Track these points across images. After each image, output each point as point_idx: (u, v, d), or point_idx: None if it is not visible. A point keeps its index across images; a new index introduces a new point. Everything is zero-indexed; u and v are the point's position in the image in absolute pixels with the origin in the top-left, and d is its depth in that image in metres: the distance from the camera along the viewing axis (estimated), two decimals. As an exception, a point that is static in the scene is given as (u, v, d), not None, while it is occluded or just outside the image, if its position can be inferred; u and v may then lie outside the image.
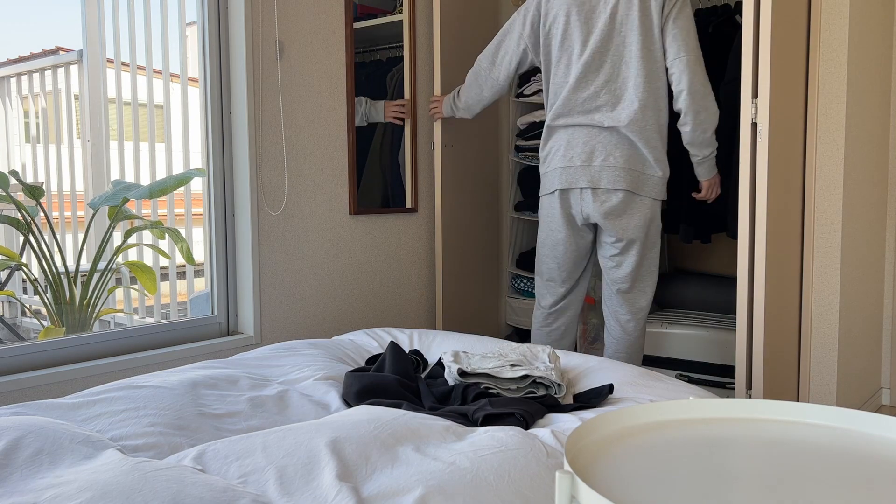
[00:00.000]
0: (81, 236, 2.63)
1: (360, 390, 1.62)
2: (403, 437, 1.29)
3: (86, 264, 2.59)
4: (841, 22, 2.44)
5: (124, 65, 2.72)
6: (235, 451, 1.21)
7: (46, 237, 2.46)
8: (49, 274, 2.46)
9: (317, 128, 2.71)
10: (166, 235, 2.75)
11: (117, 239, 2.67)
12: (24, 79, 2.71)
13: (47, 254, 2.45)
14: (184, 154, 2.79)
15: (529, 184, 3.45)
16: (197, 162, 2.71)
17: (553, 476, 1.20)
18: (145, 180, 2.73)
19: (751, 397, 2.21)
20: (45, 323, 2.70)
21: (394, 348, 1.85)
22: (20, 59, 2.69)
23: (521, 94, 3.41)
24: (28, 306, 2.82)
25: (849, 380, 2.66)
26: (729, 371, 2.92)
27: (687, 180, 3.00)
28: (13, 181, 2.42)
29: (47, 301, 2.48)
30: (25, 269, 2.55)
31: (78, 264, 2.57)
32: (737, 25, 2.96)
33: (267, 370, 1.82)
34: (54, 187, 2.70)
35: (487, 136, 3.38)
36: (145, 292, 2.85)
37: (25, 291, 2.80)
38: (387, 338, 2.21)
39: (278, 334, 2.62)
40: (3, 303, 2.80)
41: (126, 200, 2.58)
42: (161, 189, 2.60)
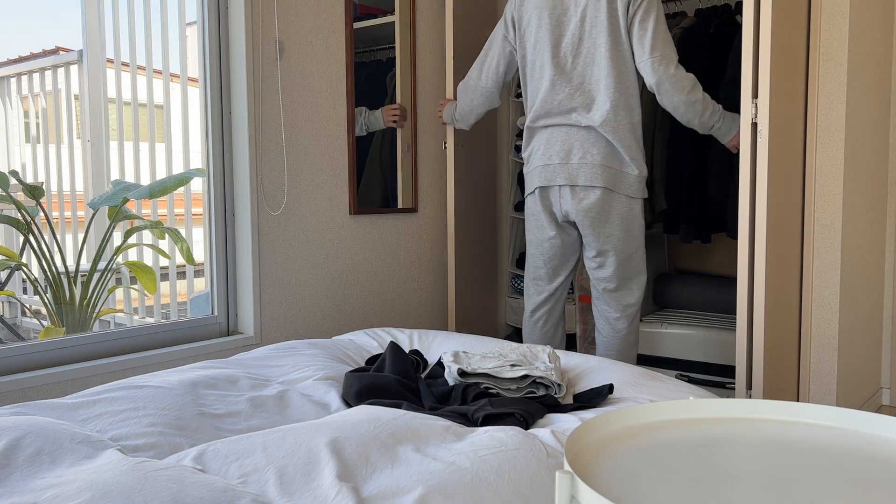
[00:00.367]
0: (81, 236, 2.63)
1: (360, 390, 1.62)
2: (403, 437, 1.29)
3: (86, 264, 2.59)
4: (841, 22, 2.44)
5: (124, 65, 2.72)
6: (235, 451, 1.21)
7: (46, 237, 2.46)
8: (49, 274, 2.46)
9: (317, 128, 2.71)
10: (166, 235, 2.75)
11: (117, 239, 2.67)
12: (24, 79, 2.71)
13: (47, 254, 2.45)
14: (184, 154, 2.79)
15: (529, 184, 3.45)
16: (197, 162, 2.71)
17: (553, 476, 1.20)
18: (145, 180, 2.73)
19: (751, 397, 2.21)
20: (45, 323, 2.70)
21: (394, 348, 1.85)
22: (20, 59, 2.69)
23: (520, 95, 3.40)
24: (28, 306, 2.82)
25: (849, 380, 2.66)
26: (729, 371, 2.92)
27: (687, 180, 3.00)
28: (13, 181, 2.42)
29: (47, 301, 2.48)
30: (25, 269, 2.55)
31: (78, 264, 2.57)
32: (737, 25, 2.96)
33: (267, 370, 1.82)
34: (54, 187, 2.70)
35: (487, 137, 3.38)
36: (145, 292, 2.85)
37: (25, 291, 2.80)
38: (387, 338, 2.21)
39: (278, 334, 2.62)
40: (3, 303, 2.80)
41: (126, 200, 2.58)
42: (161, 189, 2.60)
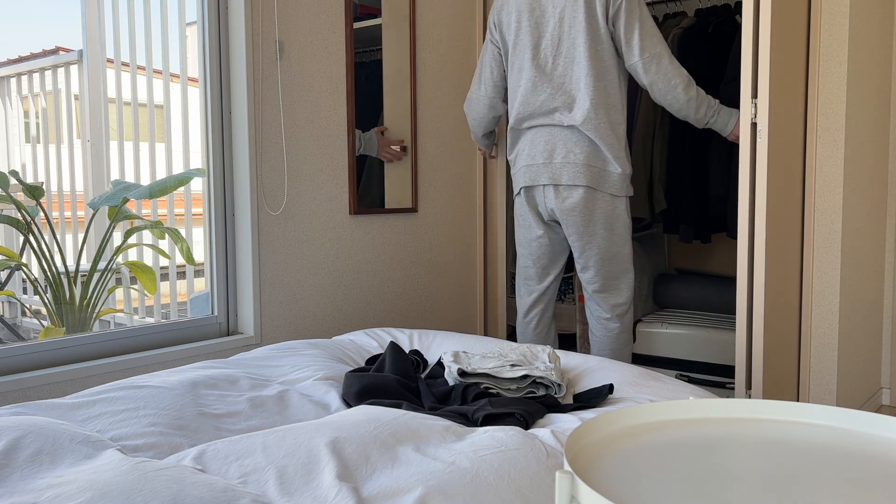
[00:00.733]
0: (81, 236, 2.63)
1: (360, 390, 1.62)
2: (403, 437, 1.29)
3: (86, 264, 2.59)
4: (841, 22, 2.44)
5: (124, 65, 2.72)
6: (235, 451, 1.21)
7: (46, 237, 2.46)
8: (49, 274, 2.46)
9: (317, 128, 2.71)
10: (166, 235, 2.75)
11: (117, 239, 2.67)
12: (24, 79, 2.71)
13: (47, 254, 2.45)
14: (184, 154, 2.79)
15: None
16: (197, 162, 2.71)
17: (553, 476, 1.20)
18: (145, 180, 2.73)
19: (750, 397, 2.22)
20: (45, 323, 2.70)
21: (394, 348, 1.85)
22: (20, 59, 2.69)
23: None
24: (28, 306, 2.82)
25: (849, 380, 2.66)
26: (729, 371, 2.92)
27: (687, 180, 3.00)
28: (13, 181, 2.41)
29: (47, 301, 2.48)
30: (25, 269, 2.55)
31: (78, 264, 2.57)
32: (737, 25, 2.96)
33: (267, 370, 1.82)
34: (54, 187, 2.69)
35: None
36: (145, 292, 2.85)
37: (25, 291, 2.80)
38: (387, 338, 2.21)
39: (278, 334, 2.62)
40: (3, 303, 2.80)
41: (126, 200, 2.58)
42: (161, 189, 2.60)
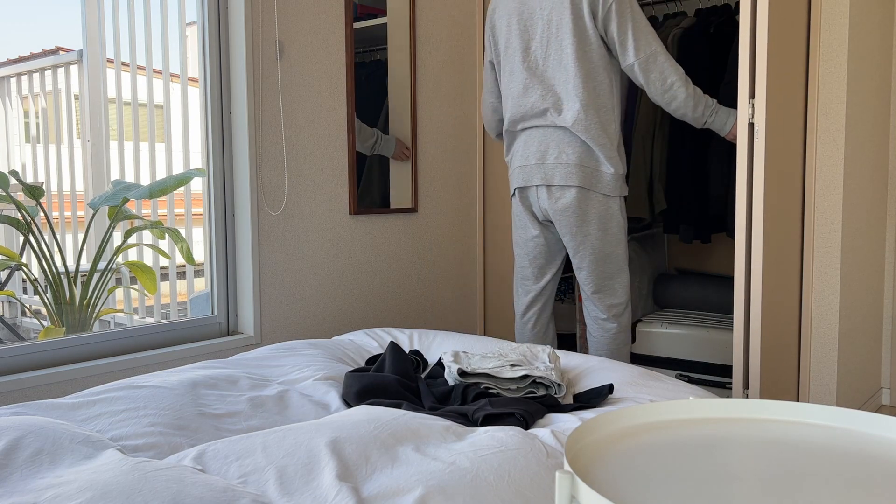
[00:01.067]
0: (81, 236, 2.63)
1: (360, 390, 1.62)
2: (403, 437, 1.29)
3: (86, 264, 2.59)
4: (841, 22, 2.44)
5: (124, 65, 2.72)
6: (235, 451, 1.21)
7: (46, 237, 2.46)
8: (49, 274, 2.46)
9: (317, 128, 2.71)
10: (166, 235, 2.75)
11: (117, 239, 2.67)
12: (24, 79, 2.71)
13: (47, 254, 2.45)
14: (184, 154, 2.79)
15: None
16: (197, 162, 2.71)
17: (553, 476, 1.20)
18: (145, 180, 2.73)
19: (748, 397, 2.22)
20: (45, 323, 2.70)
21: (394, 348, 1.85)
22: (20, 59, 2.69)
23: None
24: (28, 306, 2.82)
25: (849, 380, 2.66)
26: (729, 371, 2.92)
27: (687, 180, 3.00)
28: (13, 181, 2.41)
29: (47, 301, 2.48)
30: (25, 269, 2.55)
31: (78, 264, 2.57)
32: (737, 25, 2.96)
33: (267, 370, 1.82)
34: (54, 187, 2.69)
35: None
36: (145, 292, 2.85)
37: (25, 291, 2.80)
38: (387, 338, 2.21)
39: (278, 334, 2.62)
40: (3, 303, 2.80)
41: (126, 200, 2.58)
42: (161, 189, 2.60)
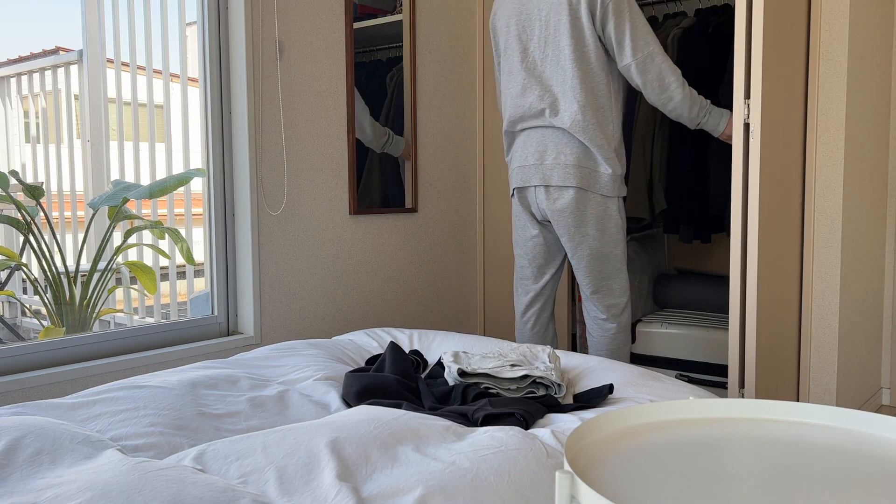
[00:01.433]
0: (81, 236, 2.63)
1: (360, 390, 1.62)
2: (403, 437, 1.29)
3: (86, 264, 2.59)
4: (841, 22, 2.44)
5: (124, 65, 2.72)
6: (235, 451, 1.21)
7: (46, 237, 2.46)
8: (49, 274, 2.46)
9: (317, 128, 2.71)
10: (166, 235, 2.75)
11: (117, 239, 2.67)
12: (24, 79, 2.71)
13: (47, 254, 2.45)
14: (184, 154, 2.79)
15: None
16: (197, 162, 2.71)
17: (553, 476, 1.20)
18: (145, 180, 2.73)
19: (743, 396, 2.22)
20: (45, 323, 2.70)
21: (394, 348, 1.85)
22: (20, 59, 2.69)
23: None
24: (28, 306, 2.82)
25: (849, 380, 2.66)
26: (729, 371, 2.92)
27: (687, 180, 3.00)
28: (13, 181, 2.41)
29: (47, 301, 2.48)
30: (25, 269, 2.55)
31: (78, 264, 2.57)
32: (737, 25, 2.96)
33: (267, 370, 1.82)
34: (54, 187, 2.69)
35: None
36: (145, 292, 2.85)
37: (25, 291, 2.80)
38: (387, 338, 2.21)
39: (278, 334, 2.62)
40: (3, 303, 2.80)
41: (126, 200, 2.58)
42: (161, 189, 2.60)
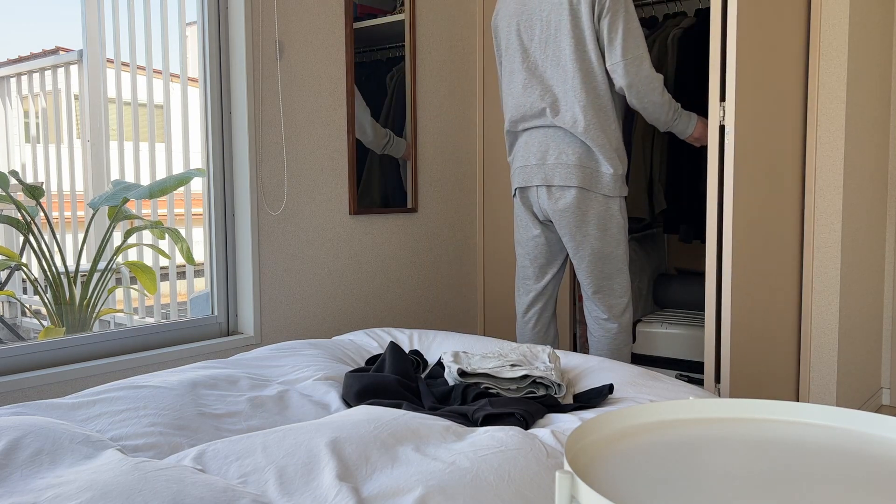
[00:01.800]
0: (81, 236, 2.63)
1: (360, 390, 1.62)
2: (403, 437, 1.29)
3: (86, 264, 2.59)
4: (841, 22, 2.44)
5: (124, 65, 2.72)
6: (235, 451, 1.21)
7: (46, 237, 2.46)
8: (49, 274, 2.46)
9: (317, 128, 2.71)
10: (166, 235, 2.75)
11: (117, 239, 2.67)
12: (24, 79, 2.71)
13: (47, 254, 2.45)
14: (184, 154, 2.79)
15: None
16: (197, 162, 2.71)
17: (553, 476, 1.20)
18: (145, 180, 2.73)
19: (720, 392, 2.23)
20: (45, 323, 2.70)
21: (394, 348, 1.85)
22: (20, 59, 2.69)
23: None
24: (28, 306, 2.82)
25: (849, 380, 2.66)
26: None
27: (687, 180, 3.00)
28: (13, 181, 2.41)
29: (47, 301, 2.48)
30: (25, 269, 2.55)
31: (78, 264, 2.57)
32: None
33: (267, 370, 1.82)
34: (54, 187, 2.69)
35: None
36: (145, 292, 2.85)
37: (25, 291, 2.80)
38: (387, 338, 2.21)
39: (278, 334, 2.62)
40: (3, 303, 2.80)
41: (126, 200, 2.58)
42: (161, 189, 2.60)
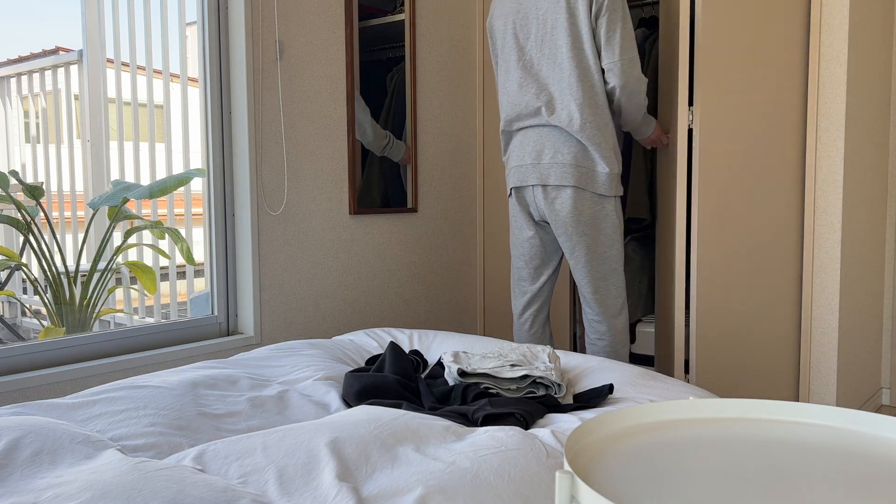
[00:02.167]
0: (81, 236, 2.63)
1: (360, 390, 1.62)
2: (403, 437, 1.29)
3: (86, 264, 2.59)
4: (841, 22, 2.44)
5: (124, 65, 2.72)
6: (235, 451, 1.21)
7: (46, 237, 2.46)
8: (49, 274, 2.46)
9: (317, 128, 2.71)
10: (166, 235, 2.75)
11: (117, 239, 2.67)
12: (24, 79, 2.71)
13: (47, 254, 2.45)
14: (184, 154, 2.79)
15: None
16: (197, 162, 2.71)
17: (553, 476, 1.20)
18: (145, 180, 2.73)
19: (688, 381, 2.26)
20: (45, 323, 2.70)
21: (394, 348, 1.85)
22: (20, 59, 2.69)
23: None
24: (28, 306, 2.82)
25: (849, 380, 2.66)
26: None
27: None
28: (13, 181, 2.41)
29: (47, 301, 2.48)
30: (25, 269, 2.55)
31: (78, 264, 2.57)
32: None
33: (267, 370, 1.82)
34: (54, 187, 2.69)
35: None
36: (145, 292, 2.85)
37: (25, 291, 2.80)
38: (387, 338, 2.21)
39: (278, 334, 2.62)
40: (3, 303, 2.80)
41: (126, 200, 2.58)
42: (161, 189, 2.60)
